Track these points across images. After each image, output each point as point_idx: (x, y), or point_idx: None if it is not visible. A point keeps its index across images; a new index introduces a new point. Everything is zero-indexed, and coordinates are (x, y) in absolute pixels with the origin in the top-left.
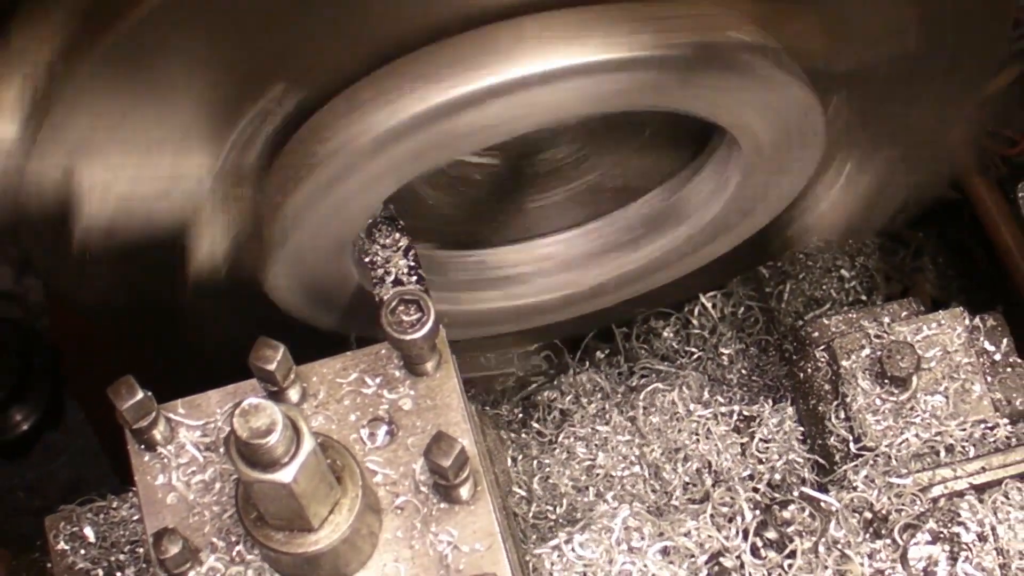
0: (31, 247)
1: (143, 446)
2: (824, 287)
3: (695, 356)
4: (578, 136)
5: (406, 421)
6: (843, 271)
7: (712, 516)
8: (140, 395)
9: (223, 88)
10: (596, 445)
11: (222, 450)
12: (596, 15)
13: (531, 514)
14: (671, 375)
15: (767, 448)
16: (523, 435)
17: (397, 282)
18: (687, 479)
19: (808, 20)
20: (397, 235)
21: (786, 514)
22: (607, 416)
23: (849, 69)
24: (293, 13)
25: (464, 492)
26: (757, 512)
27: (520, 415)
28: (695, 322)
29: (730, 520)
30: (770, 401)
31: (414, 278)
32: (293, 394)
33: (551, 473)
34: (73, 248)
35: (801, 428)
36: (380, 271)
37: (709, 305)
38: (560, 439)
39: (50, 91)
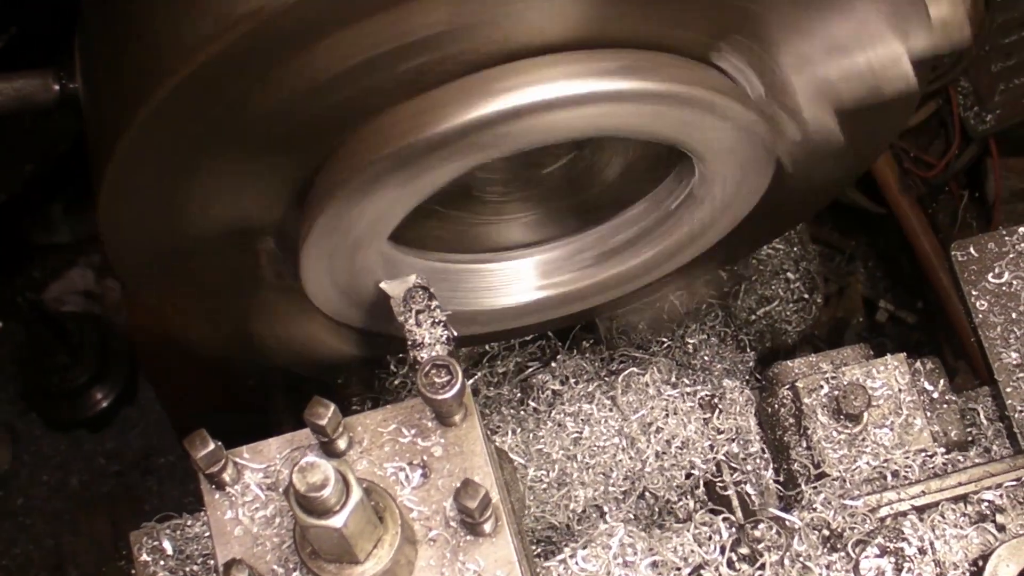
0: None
1: (214, 486)
2: (773, 287)
3: (665, 345)
4: (569, 156)
5: (437, 465)
6: (789, 274)
7: (694, 535)
8: (212, 446)
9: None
10: (583, 420)
11: (281, 490)
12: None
13: (529, 478)
14: (645, 361)
15: (724, 421)
16: (521, 412)
17: (429, 342)
18: (658, 448)
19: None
20: (430, 301)
21: (757, 532)
22: (592, 396)
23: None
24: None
25: (487, 527)
26: (732, 530)
27: (518, 395)
28: (665, 317)
29: (709, 538)
30: (727, 383)
31: (443, 338)
32: (341, 443)
33: (545, 444)
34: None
35: (753, 403)
36: (415, 334)
37: (677, 303)
38: (552, 415)
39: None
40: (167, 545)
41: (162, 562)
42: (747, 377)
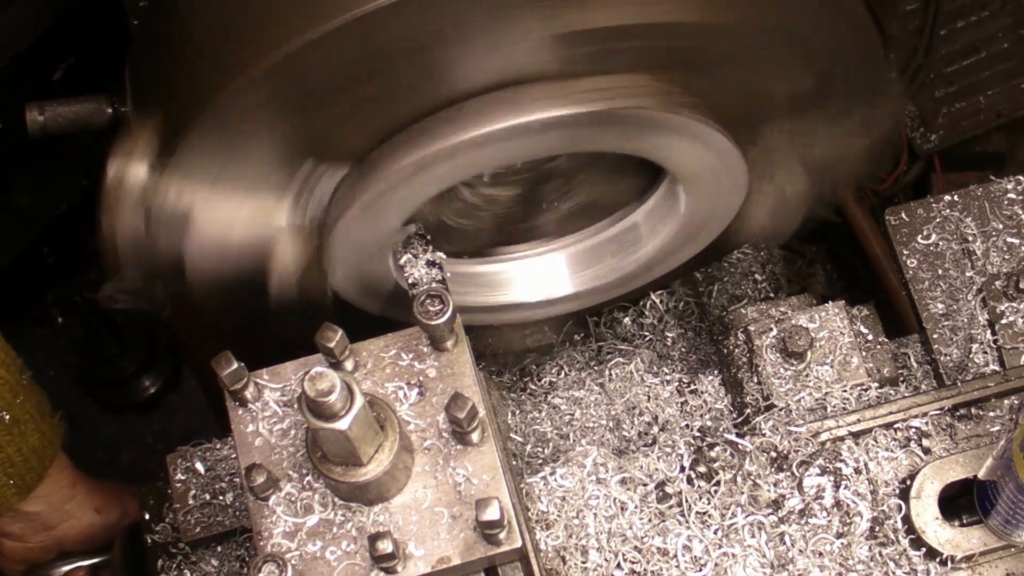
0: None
1: (237, 403)
2: (742, 287)
3: (647, 338)
4: (570, 166)
5: (432, 384)
6: (756, 275)
7: (658, 456)
8: (235, 365)
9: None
10: (574, 404)
11: (296, 406)
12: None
13: (526, 454)
14: (630, 352)
15: (699, 406)
16: (521, 396)
17: (426, 281)
18: (640, 429)
19: (721, 80)
20: (426, 246)
21: (713, 453)
22: (582, 382)
23: (763, 107)
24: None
25: (475, 437)
26: (692, 451)
27: (518, 381)
28: (647, 313)
29: (671, 457)
30: (702, 372)
31: (438, 278)
32: (348, 365)
33: (541, 424)
34: (185, 266)
35: (724, 388)
36: (413, 274)
37: (658, 301)
38: (548, 399)
39: (169, 145)
40: (199, 466)
41: (194, 480)
42: (719, 366)
